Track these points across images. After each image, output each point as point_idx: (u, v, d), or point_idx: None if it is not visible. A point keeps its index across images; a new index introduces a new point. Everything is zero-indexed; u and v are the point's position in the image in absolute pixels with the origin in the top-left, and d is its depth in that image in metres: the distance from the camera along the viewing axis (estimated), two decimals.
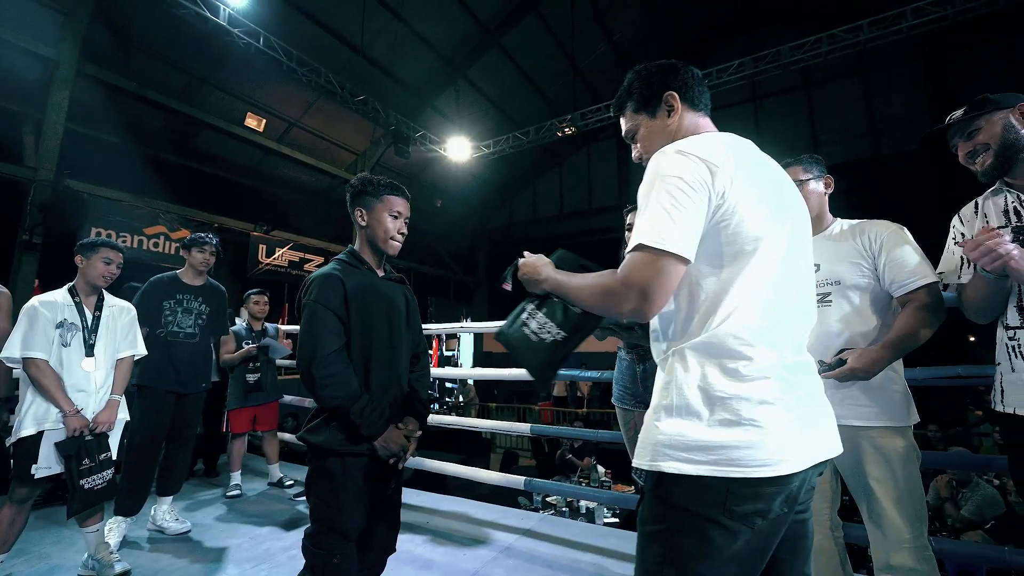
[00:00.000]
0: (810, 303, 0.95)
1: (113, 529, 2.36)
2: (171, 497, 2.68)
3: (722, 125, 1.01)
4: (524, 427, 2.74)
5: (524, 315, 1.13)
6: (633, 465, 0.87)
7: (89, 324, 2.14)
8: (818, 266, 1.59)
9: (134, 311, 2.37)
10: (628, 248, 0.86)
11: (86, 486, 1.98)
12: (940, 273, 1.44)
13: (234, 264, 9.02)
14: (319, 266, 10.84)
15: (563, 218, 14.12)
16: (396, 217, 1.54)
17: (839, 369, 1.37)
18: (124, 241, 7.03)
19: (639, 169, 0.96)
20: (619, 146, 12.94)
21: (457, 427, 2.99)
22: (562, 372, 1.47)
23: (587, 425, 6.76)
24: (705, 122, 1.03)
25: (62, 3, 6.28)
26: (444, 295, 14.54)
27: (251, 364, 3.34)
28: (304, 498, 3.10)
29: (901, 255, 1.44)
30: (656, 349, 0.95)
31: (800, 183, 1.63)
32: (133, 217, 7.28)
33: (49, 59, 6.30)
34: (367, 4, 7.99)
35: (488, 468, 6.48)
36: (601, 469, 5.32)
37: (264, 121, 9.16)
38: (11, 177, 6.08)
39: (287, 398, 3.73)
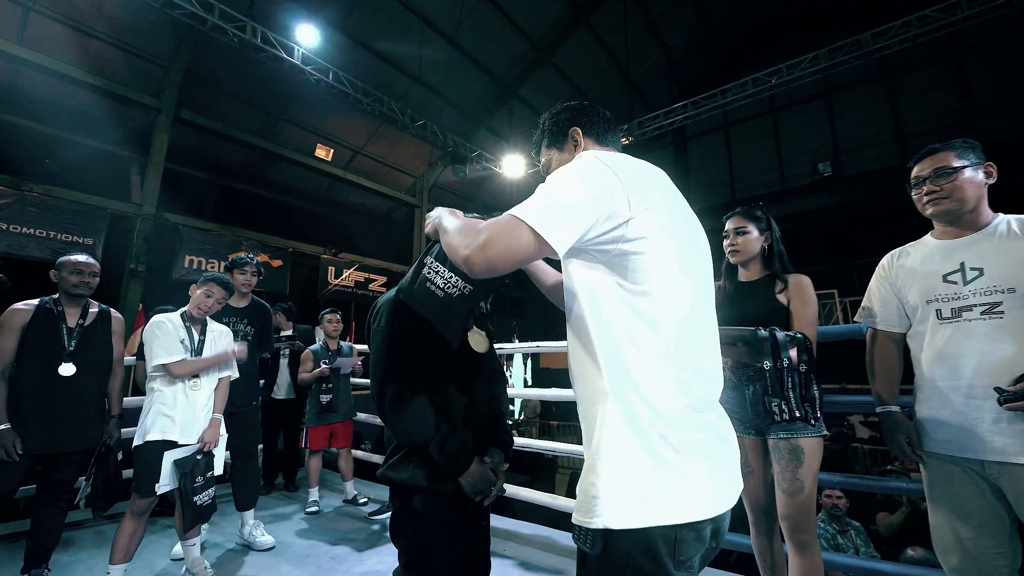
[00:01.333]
0: (718, 355, 0.93)
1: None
2: (252, 511, 2.75)
3: (791, 124, 0.90)
4: None
5: (425, 270, 1.13)
6: (574, 523, 0.80)
7: (196, 347, 2.31)
8: (980, 270, 1.34)
9: (230, 334, 2.51)
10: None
11: (198, 502, 2.11)
12: None
13: (306, 286, 9.56)
14: (383, 286, 11.16)
15: None
16: None
17: None
18: (212, 267, 7.64)
19: (700, 174, 0.93)
20: (675, 154, 12.49)
21: (530, 449, 2.86)
22: None
23: None
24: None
25: (162, 57, 7.08)
26: (498, 311, 14.58)
27: (324, 385, 3.42)
28: (378, 517, 3.09)
29: None
30: (579, 386, 0.89)
31: (952, 171, 1.38)
32: (219, 244, 7.92)
33: (152, 107, 7.09)
34: (424, 34, 8.34)
35: (553, 489, 6.26)
36: None
37: (332, 151, 9.75)
38: (122, 213, 6.84)
39: (361, 416, 3.78)
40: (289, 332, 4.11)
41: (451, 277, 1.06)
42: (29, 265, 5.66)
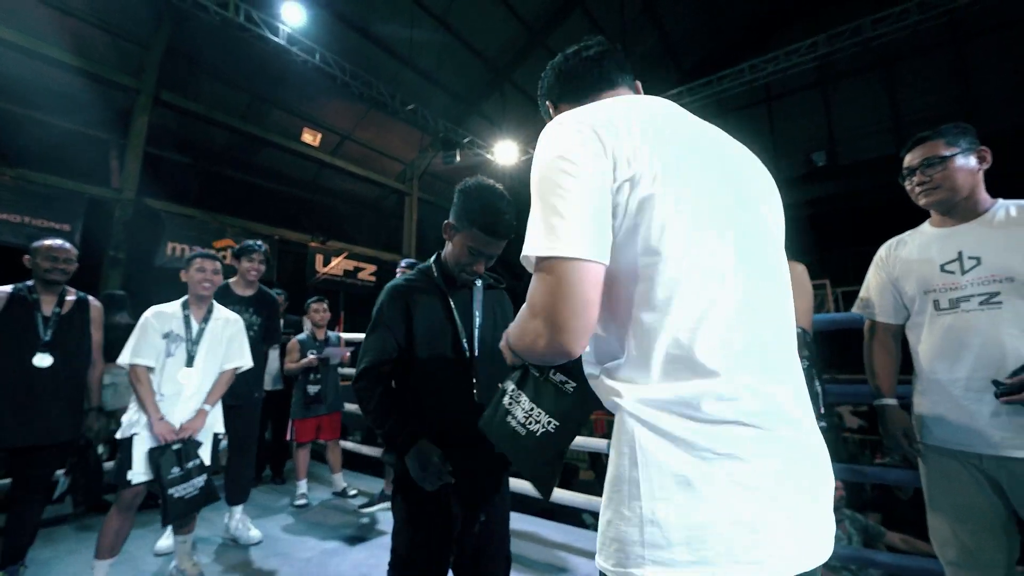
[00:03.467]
0: (786, 336, 0.70)
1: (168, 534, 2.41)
2: (242, 506, 2.70)
3: (786, 113, 0.79)
4: (603, 443, 2.53)
5: (506, 400, 0.91)
6: (597, 566, 0.64)
7: (194, 335, 2.21)
8: (977, 259, 1.31)
9: (241, 323, 2.42)
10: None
11: (175, 495, 2.00)
12: None
13: (293, 274, 9.40)
14: (373, 274, 10.99)
15: None
16: (476, 255, 1.33)
17: None
18: None
19: None
20: None
21: None
22: None
23: None
24: (603, 96, 0.85)
25: (141, 37, 6.80)
26: None
27: (312, 375, 3.34)
28: (368, 509, 3.06)
29: None
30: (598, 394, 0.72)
31: (941, 160, 1.35)
32: (203, 232, 7.72)
33: (130, 88, 6.83)
34: (415, 16, 8.11)
35: None
36: None
37: (319, 135, 9.52)
38: (100, 197, 6.62)
39: (349, 407, 3.72)
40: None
41: (531, 409, 0.84)
42: (3, 252, 5.47)
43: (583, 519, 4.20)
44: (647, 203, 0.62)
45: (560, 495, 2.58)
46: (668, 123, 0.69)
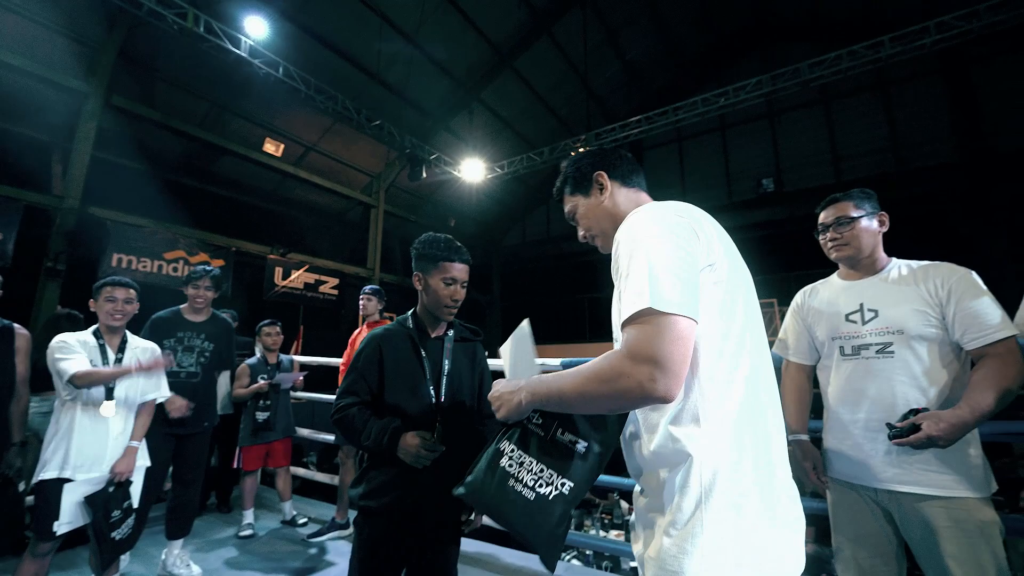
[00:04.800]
0: (776, 403, 0.89)
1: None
2: (181, 540, 2.59)
3: (738, 141, 0.99)
4: None
5: (504, 462, 0.84)
6: None
7: (111, 366, 2.10)
8: (875, 312, 1.47)
9: (158, 352, 2.32)
10: (623, 318, 0.74)
11: (116, 537, 1.93)
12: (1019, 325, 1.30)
13: (251, 288, 9.09)
14: (335, 288, 10.69)
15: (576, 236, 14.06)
16: (450, 284, 1.51)
17: (914, 436, 1.23)
18: (144, 266, 7.12)
19: (653, 184, 1.00)
20: None
21: None
22: None
23: None
24: (644, 197, 1.05)
25: (90, 39, 6.52)
26: (458, 315, 14.45)
27: (261, 401, 3.25)
28: (317, 539, 2.99)
29: (973, 304, 1.31)
30: (646, 439, 0.83)
31: (850, 220, 1.52)
32: (153, 242, 7.38)
33: (78, 91, 6.51)
34: (383, 31, 8.15)
35: None
36: (624, 505, 5.09)
37: (282, 146, 9.33)
38: (38, 205, 6.23)
39: (303, 432, 3.64)
40: None
41: (542, 471, 0.81)
42: None
43: None
44: (718, 285, 0.80)
45: None
46: (717, 226, 0.89)
